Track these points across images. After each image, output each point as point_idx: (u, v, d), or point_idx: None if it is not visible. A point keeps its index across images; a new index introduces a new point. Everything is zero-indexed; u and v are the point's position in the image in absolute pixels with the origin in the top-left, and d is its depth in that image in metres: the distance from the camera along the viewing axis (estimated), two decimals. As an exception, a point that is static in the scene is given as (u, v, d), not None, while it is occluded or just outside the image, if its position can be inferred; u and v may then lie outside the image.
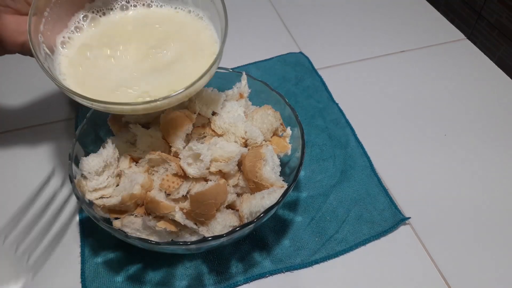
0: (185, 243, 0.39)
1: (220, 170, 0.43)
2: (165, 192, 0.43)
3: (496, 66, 0.70)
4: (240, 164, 0.44)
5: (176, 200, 0.43)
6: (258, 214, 0.41)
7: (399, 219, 0.50)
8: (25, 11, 0.42)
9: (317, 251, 0.47)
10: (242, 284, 0.45)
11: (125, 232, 0.40)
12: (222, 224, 0.41)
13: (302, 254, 0.47)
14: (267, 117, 0.47)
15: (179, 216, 0.40)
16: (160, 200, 0.40)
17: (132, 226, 0.41)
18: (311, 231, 0.49)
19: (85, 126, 0.48)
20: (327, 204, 0.51)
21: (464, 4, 1.10)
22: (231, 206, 0.44)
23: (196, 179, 0.43)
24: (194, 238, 0.42)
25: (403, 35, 0.76)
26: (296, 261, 0.46)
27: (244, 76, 0.51)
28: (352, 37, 0.76)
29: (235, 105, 0.49)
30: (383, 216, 0.50)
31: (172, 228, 0.41)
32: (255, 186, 0.43)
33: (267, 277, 0.46)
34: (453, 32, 0.77)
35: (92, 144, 0.49)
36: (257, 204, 0.41)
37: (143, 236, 0.41)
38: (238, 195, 0.45)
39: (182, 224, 0.40)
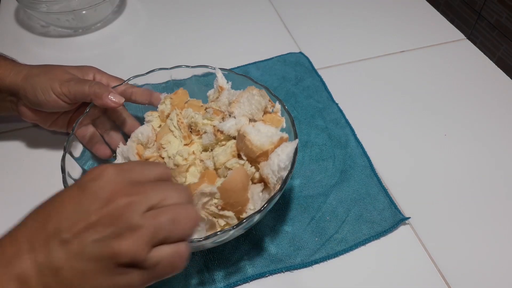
0: (185, 242, 0.39)
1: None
2: None
3: (496, 66, 0.70)
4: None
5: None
6: (281, 172, 0.42)
7: (399, 219, 0.50)
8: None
9: (317, 251, 0.47)
10: (242, 284, 0.45)
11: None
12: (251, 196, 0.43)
13: (302, 254, 0.47)
14: (253, 97, 0.47)
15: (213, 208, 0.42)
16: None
17: None
18: (311, 231, 0.49)
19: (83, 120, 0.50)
20: (327, 204, 0.51)
21: (464, 4, 1.10)
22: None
23: None
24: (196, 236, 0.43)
25: (403, 35, 0.76)
26: (296, 261, 0.46)
27: (217, 70, 0.52)
28: (352, 37, 0.76)
29: (232, 120, 0.48)
30: (383, 216, 0.50)
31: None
32: (263, 159, 0.44)
33: (267, 277, 0.46)
34: (453, 32, 0.77)
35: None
36: (274, 163, 0.42)
37: None
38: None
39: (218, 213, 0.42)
